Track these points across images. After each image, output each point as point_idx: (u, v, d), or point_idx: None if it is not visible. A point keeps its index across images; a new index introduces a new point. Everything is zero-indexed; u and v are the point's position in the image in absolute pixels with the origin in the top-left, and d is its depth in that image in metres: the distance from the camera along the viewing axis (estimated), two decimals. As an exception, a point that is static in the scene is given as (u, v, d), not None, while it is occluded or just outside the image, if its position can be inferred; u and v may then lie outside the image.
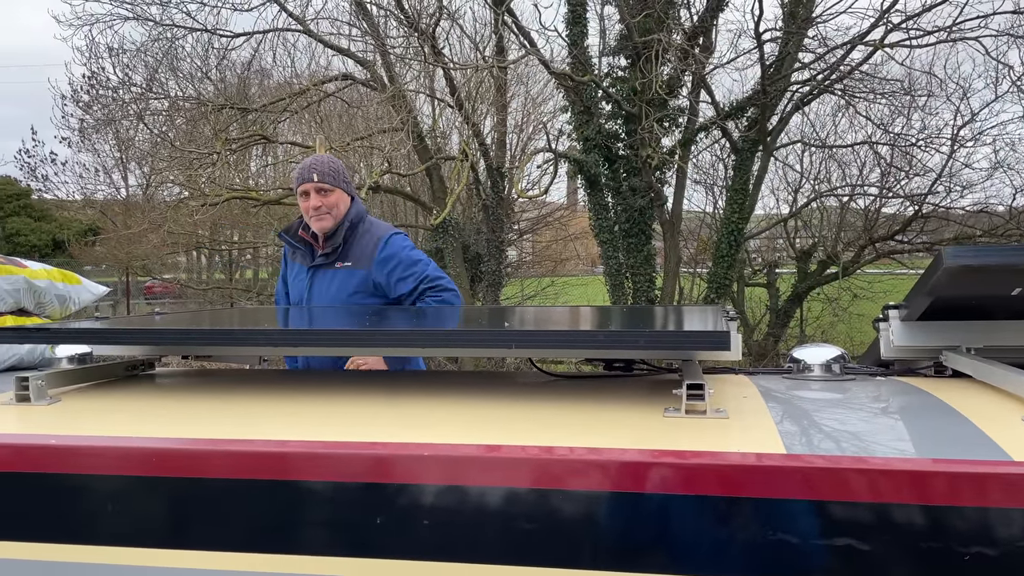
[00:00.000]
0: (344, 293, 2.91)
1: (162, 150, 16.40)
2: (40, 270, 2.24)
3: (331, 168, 2.97)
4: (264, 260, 23.72)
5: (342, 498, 1.26)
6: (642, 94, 9.96)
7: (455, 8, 11.32)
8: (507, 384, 1.95)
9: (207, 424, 1.49)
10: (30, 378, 1.59)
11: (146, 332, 1.78)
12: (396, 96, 10.47)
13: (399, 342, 1.68)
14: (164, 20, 11.98)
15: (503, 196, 12.44)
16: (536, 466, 1.21)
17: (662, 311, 2.49)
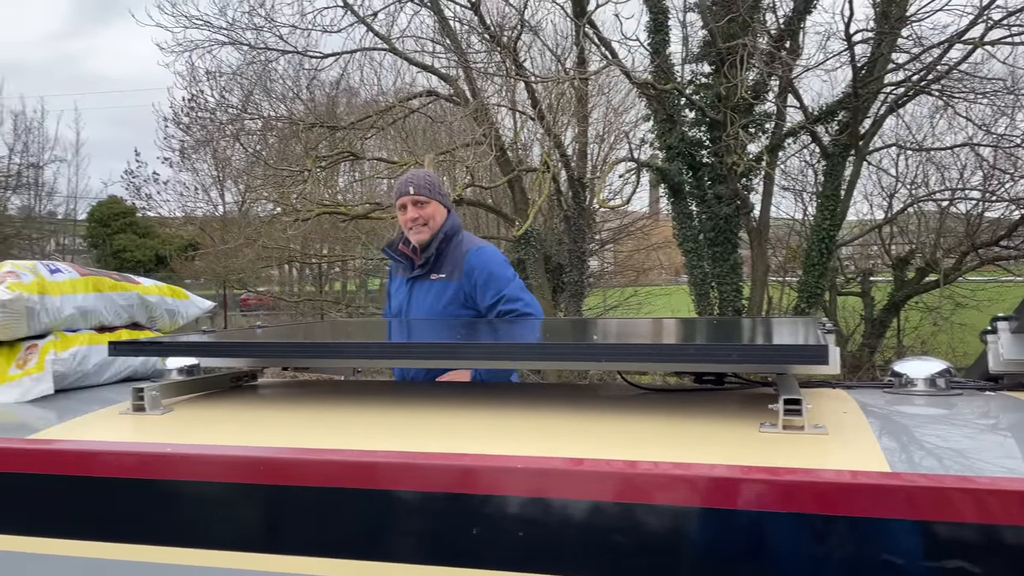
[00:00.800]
0: (439, 304, 2.98)
1: (256, 168, 17.12)
2: (151, 286, 2.37)
3: (426, 181, 3.07)
4: (352, 273, 24.40)
5: (429, 508, 1.29)
6: (727, 100, 9.78)
7: (536, 21, 11.39)
8: (595, 397, 1.95)
9: (307, 434, 1.55)
10: (145, 389, 1.69)
11: (250, 345, 1.87)
12: (478, 110, 10.62)
13: (489, 355, 1.71)
14: (258, 44, 12.52)
15: (584, 206, 12.42)
16: (641, 481, 1.21)
17: (754, 323, 2.44)
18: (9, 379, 1.88)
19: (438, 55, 12.41)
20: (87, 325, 2.09)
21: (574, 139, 12.91)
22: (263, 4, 11.96)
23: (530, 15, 11.01)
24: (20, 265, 2.01)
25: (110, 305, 2.16)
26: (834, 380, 1.97)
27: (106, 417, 1.71)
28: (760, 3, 10.17)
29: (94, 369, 2.02)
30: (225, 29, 12.33)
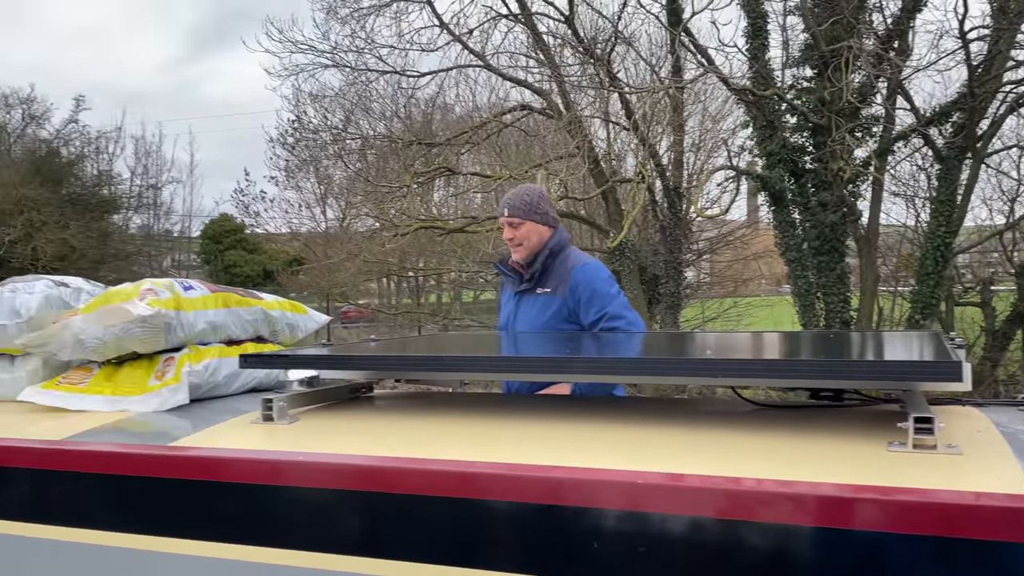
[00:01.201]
0: (542, 318, 3.03)
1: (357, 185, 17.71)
2: (273, 301, 2.50)
3: (522, 201, 3.13)
4: (447, 285, 24.85)
5: (527, 519, 1.30)
6: (831, 104, 9.45)
7: (630, 32, 11.33)
8: (709, 413, 1.92)
9: (423, 445, 1.60)
10: (274, 400, 1.78)
11: (369, 358, 1.94)
12: (572, 122, 10.64)
13: (601, 369, 1.71)
14: (359, 66, 12.98)
15: (681, 216, 12.22)
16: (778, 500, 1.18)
17: (874, 337, 2.35)
18: (149, 389, 2.01)
19: (531, 69, 12.55)
20: (217, 339, 2.22)
21: (669, 148, 12.74)
22: (363, 27, 12.41)
23: (624, 26, 10.97)
24: (158, 283, 2.16)
25: (237, 320, 2.28)
26: (962, 397, 1.88)
27: (238, 426, 1.81)
28: (866, 3, 9.80)
29: (224, 380, 2.14)
30: (328, 53, 12.85)
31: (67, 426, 1.84)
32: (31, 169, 22.13)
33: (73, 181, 23.97)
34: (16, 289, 2.27)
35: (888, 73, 9.63)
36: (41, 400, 2.03)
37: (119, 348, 2.05)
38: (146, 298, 2.04)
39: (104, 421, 1.88)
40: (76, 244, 21.39)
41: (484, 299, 22.48)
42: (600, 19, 11.39)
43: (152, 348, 2.06)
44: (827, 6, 9.56)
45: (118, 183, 26.53)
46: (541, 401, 2.41)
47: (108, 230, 25.00)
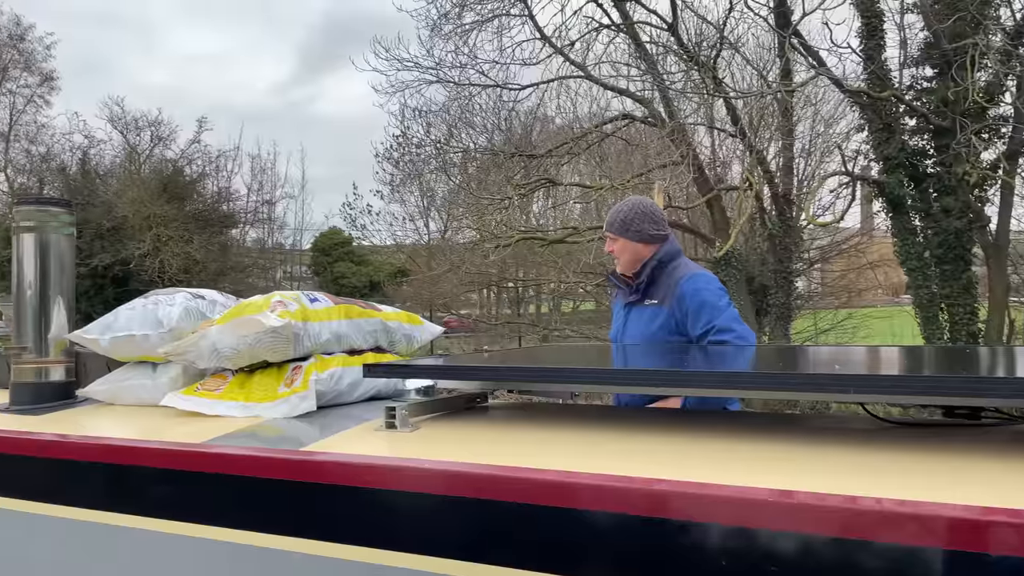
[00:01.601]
0: (650, 330, 3.01)
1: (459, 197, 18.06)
2: (391, 312, 2.57)
3: (619, 219, 3.16)
4: (547, 296, 24.94)
5: (630, 532, 1.30)
6: (955, 105, 8.93)
7: (736, 37, 11.08)
8: (830, 429, 1.84)
9: (538, 456, 1.61)
10: (397, 408, 1.83)
11: (486, 369, 1.97)
12: (675, 130, 10.49)
13: (721, 383, 1.67)
14: (461, 80, 13.25)
15: (791, 224, 11.82)
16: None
17: (1013, 352, 2.20)
18: (279, 396, 2.11)
19: (633, 78, 12.46)
20: (340, 348, 2.30)
21: (778, 154, 12.36)
22: (466, 42, 12.67)
23: (729, 31, 10.74)
24: (286, 296, 2.26)
25: (358, 331, 2.37)
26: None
27: (364, 433, 1.87)
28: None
29: (347, 388, 2.22)
30: (432, 69, 13.19)
31: (206, 430, 1.95)
32: (159, 187, 23.71)
33: (196, 198, 25.51)
34: (159, 301, 2.43)
35: (1017, 70, 9.02)
36: (181, 405, 2.16)
37: (251, 357, 2.16)
38: (276, 310, 2.14)
39: (239, 426, 1.99)
40: (199, 257, 22.74)
41: (583, 310, 22.42)
42: (705, 25, 11.20)
43: (281, 357, 2.16)
44: (949, 2, 9.06)
45: (236, 199, 28.09)
46: (655, 415, 2.38)
47: (227, 244, 26.47)
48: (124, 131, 26.67)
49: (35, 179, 27.88)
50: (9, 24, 28.90)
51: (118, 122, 26.64)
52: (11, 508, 2.01)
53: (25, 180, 28.33)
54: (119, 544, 1.84)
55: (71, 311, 2.54)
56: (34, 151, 29.15)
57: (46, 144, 28.98)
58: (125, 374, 2.42)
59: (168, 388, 2.31)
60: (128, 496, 1.87)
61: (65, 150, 28.10)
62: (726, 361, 2.07)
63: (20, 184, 28.12)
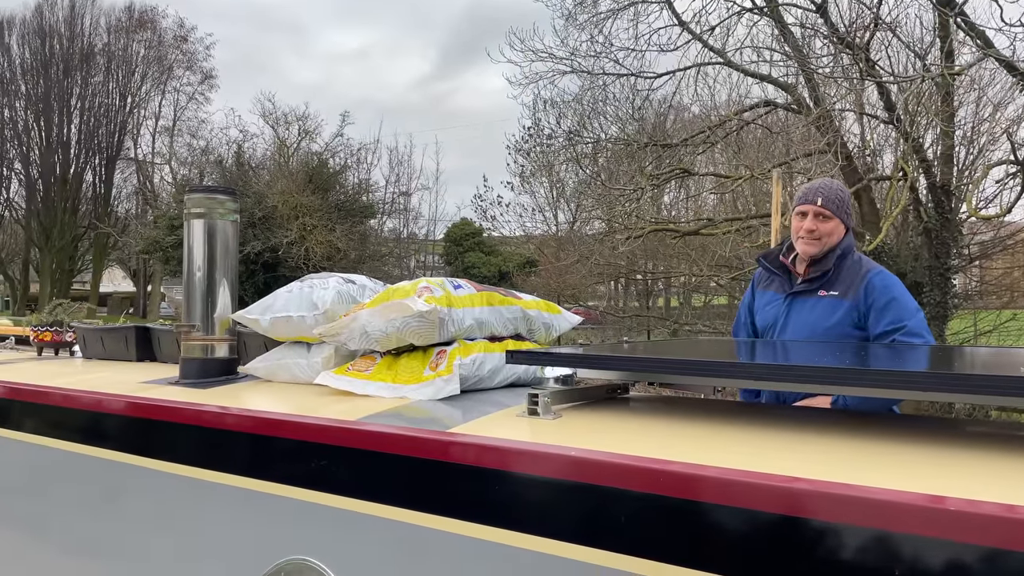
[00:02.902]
0: (825, 322, 2.82)
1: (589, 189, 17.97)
2: (531, 301, 2.59)
3: (838, 196, 2.92)
4: (676, 289, 24.42)
5: (757, 528, 1.28)
6: None
7: (894, 17, 10.34)
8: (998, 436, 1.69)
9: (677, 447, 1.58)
10: (539, 395, 1.84)
11: (629, 360, 1.94)
12: (822, 117, 9.96)
13: (889, 383, 1.56)
14: (596, 70, 13.13)
15: (949, 217, 10.96)
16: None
17: None
18: (424, 379, 2.17)
19: (776, 63, 11.93)
20: (482, 334, 2.34)
21: (936, 141, 11.49)
22: (601, 31, 12.54)
23: (886, 12, 10.06)
24: (433, 282, 2.32)
25: (499, 318, 2.39)
26: None
27: (506, 418, 1.89)
28: None
29: (488, 374, 2.25)
30: (566, 59, 13.15)
31: (357, 408, 2.03)
32: (304, 179, 25.05)
33: (338, 189, 26.77)
34: (313, 285, 2.56)
35: None
36: (334, 384, 2.26)
37: (399, 340, 2.23)
38: (423, 295, 2.20)
39: (387, 406, 2.06)
40: (341, 246, 23.87)
41: (715, 304, 21.78)
42: (858, 5, 10.55)
43: (427, 341, 2.22)
44: None
45: (375, 190, 29.28)
46: (799, 412, 2.27)
47: (366, 233, 27.63)
48: (274, 125, 28.40)
49: (196, 171, 30.19)
50: (173, 26, 31.36)
51: (269, 117, 28.41)
52: (179, 473, 2.18)
53: (187, 172, 30.73)
54: (271, 511, 1.96)
55: (235, 292, 2.71)
56: (195, 144, 31.61)
57: (205, 138, 31.34)
58: (282, 353, 2.56)
59: (321, 367, 2.42)
60: (284, 467, 1.98)
61: (222, 144, 30.30)
62: (883, 359, 1.94)
63: (183, 175, 30.54)
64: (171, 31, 31.32)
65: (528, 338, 2.55)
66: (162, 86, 31.38)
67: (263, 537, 1.98)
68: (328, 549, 1.84)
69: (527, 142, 21.27)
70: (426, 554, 1.67)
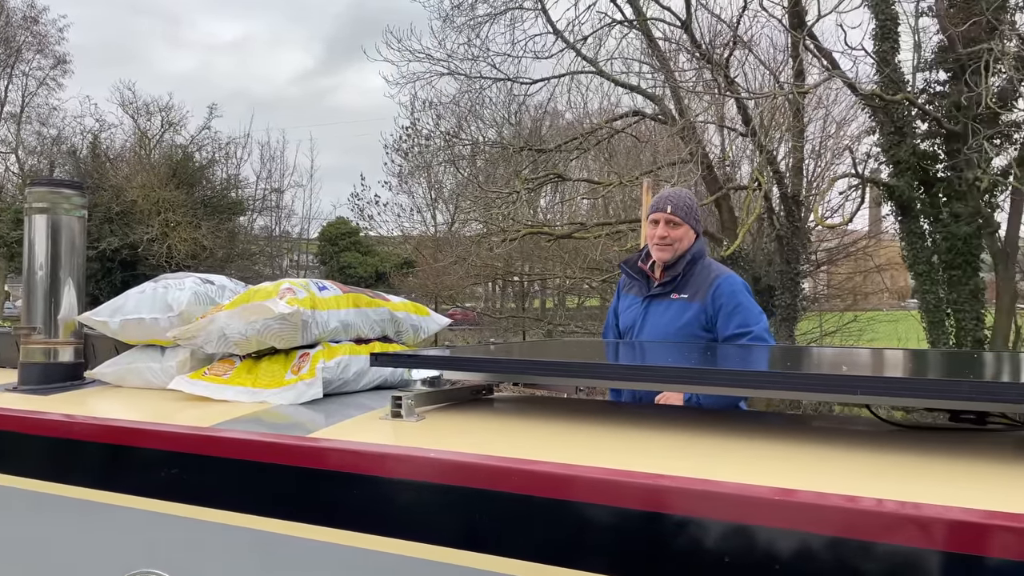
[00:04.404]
0: (676, 324, 2.97)
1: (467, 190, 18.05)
2: (399, 303, 2.58)
3: (686, 204, 3.08)
4: (552, 291, 24.93)
5: (624, 525, 1.32)
6: (967, 110, 8.89)
7: (750, 36, 11.03)
8: (836, 430, 1.85)
9: (543, 447, 1.62)
10: (403, 397, 1.84)
11: (494, 361, 1.98)
12: (685, 128, 10.47)
13: (730, 381, 1.67)
14: (473, 73, 13.22)
15: (799, 225, 11.79)
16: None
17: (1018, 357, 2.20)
18: (286, 383, 2.12)
19: (645, 75, 12.43)
20: (347, 337, 2.31)
21: (788, 154, 12.32)
22: (479, 35, 12.65)
23: (743, 30, 10.70)
24: (296, 283, 2.27)
25: (366, 320, 2.37)
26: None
27: (369, 421, 1.88)
28: (1008, 2, 9.18)
29: (353, 377, 2.23)
30: (444, 60, 13.16)
31: (213, 414, 1.96)
32: (168, 173, 23.76)
33: (205, 184, 25.55)
34: (168, 285, 2.44)
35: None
36: (189, 389, 2.17)
37: (259, 343, 2.17)
38: (285, 297, 2.15)
39: (246, 411, 2.00)
40: (207, 243, 22.80)
41: (588, 305, 22.40)
42: (718, 23, 11.16)
43: (289, 344, 2.17)
44: (964, 7, 9.01)
45: (244, 186, 28.13)
46: (657, 410, 2.39)
47: (234, 231, 26.51)
48: (135, 116, 26.72)
49: (46, 161, 27.96)
50: (23, 5, 28.94)
51: (129, 106, 26.69)
52: (17, 486, 2.03)
53: (36, 162, 28.42)
54: (120, 524, 1.86)
55: (81, 293, 2.55)
56: (45, 133, 29.22)
57: (57, 127, 29.05)
58: (133, 357, 2.43)
59: (176, 372, 2.32)
60: (134, 478, 1.88)
61: (76, 133, 28.18)
62: (733, 360, 2.07)
63: (31, 166, 28.21)
64: (20, 11, 28.85)
65: (396, 340, 2.55)
66: (9, 70, 28.84)
67: (110, 552, 1.88)
68: (180, 562, 1.77)
69: (405, 142, 21.12)
70: (284, 562, 1.64)
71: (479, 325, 22.85)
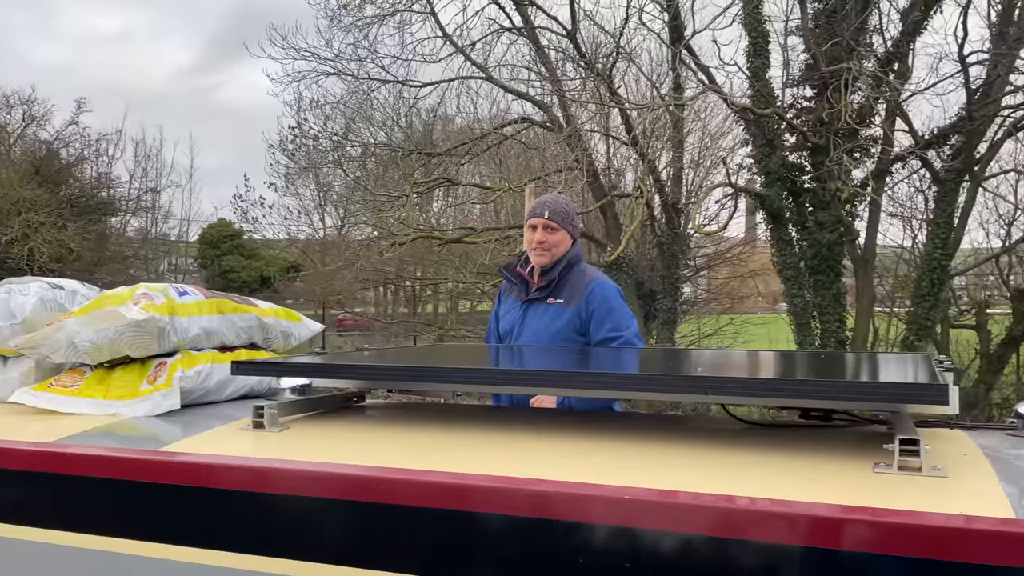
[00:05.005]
0: (552, 328, 3.01)
1: (356, 193, 17.73)
2: (268, 308, 2.50)
3: (563, 209, 3.12)
4: (443, 295, 24.86)
5: (513, 532, 1.31)
6: (830, 125, 9.51)
7: (632, 48, 11.40)
8: (696, 430, 1.93)
9: (411, 455, 1.60)
10: (265, 407, 1.78)
11: (361, 368, 1.95)
12: (571, 136, 10.69)
13: (590, 384, 1.72)
14: (361, 75, 13.02)
15: (679, 232, 12.27)
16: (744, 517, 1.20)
17: (865, 359, 2.36)
18: (140, 394, 2.02)
19: (533, 83, 12.61)
20: (210, 345, 2.22)
21: (668, 164, 12.80)
22: (367, 36, 12.46)
23: (626, 42, 11.04)
24: (153, 288, 2.16)
25: (231, 326, 2.29)
26: (951, 420, 1.89)
27: (228, 433, 1.81)
28: (866, 25, 9.88)
29: (216, 386, 2.15)
30: (331, 60, 12.90)
31: (58, 429, 1.84)
32: (30, 170, 22.13)
33: (72, 183, 23.95)
34: (11, 291, 2.27)
35: (887, 95, 9.71)
36: (33, 402, 2.03)
37: (112, 352, 2.05)
38: (140, 302, 2.04)
39: (95, 424, 1.88)
40: (73, 246, 21.36)
41: (481, 310, 22.47)
42: (602, 35, 11.47)
43: (145, 352, 2.07)
44: (828, 27, 9.63)
45: (116, 186, 26.56)
46: (531, 414, 2.42)
47: (106, 232, 24.98)
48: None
49: None
50: None
51: (-16, 99, 24.68)
52: None
53: None
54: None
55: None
56: None
57: (-99, 118, 26.53)
58: (-30, 368, 2.25)
59: (20, 383, 2.17)
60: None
61: (-78, 125, 25.82)
62: (598, 363, 2.13)
63: None
64: None
65: (264, 347, 2.47)
66: None
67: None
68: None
69: (292, 142, 20.50)
70: (131, 583, 1.55)
71: (370, 330, 22.49)
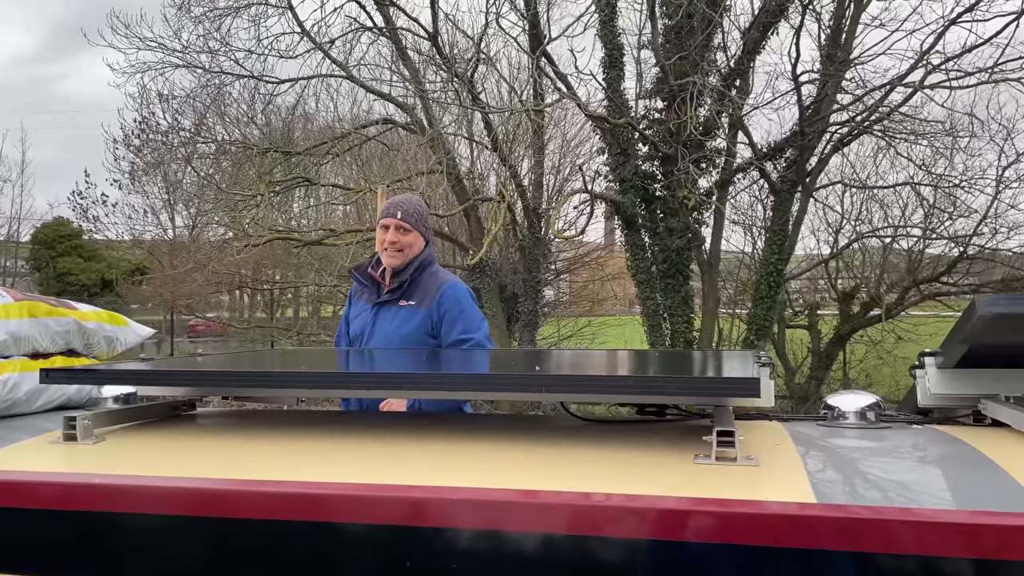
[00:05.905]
0: (404, 330, 2.99)
1: (208, 192, 16.89)
2: (89, 312, 2.32)
3: (415, 210, 3.09)
4: (304, 299, 24.12)
5: (375, 540, 1.28)
6: (678, 136, 10.01)
7: (492, 54, 11.52)
8: (538, 428, 1.96)
9: (242, 465, 1.53)
10: (77, 418, 1.65)
11: (188, 374, 1.84)
12: (434, 139, 10.68)
13: (430, 385, 1.71)
14: (212, 68, 12.39)
15: (540, 236, 12.52)
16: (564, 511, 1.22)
17: (698, 356, 2.49)
18: (-66, 407, 1.82)
19: (395, 84, 12.48)
20: (19, 351, 2.03)
21: (530, 170, 13.05)
22: (219, 28, 11.89)
23: (486, 47, 11.15)
24: (-50, 289, 1.95)
25: (45, 331, 2.10)
26: (773, 412, 2.02)
27: (34, 446, 1.66)
28: (711, 43, 10.48)
29: (25, 397, 1.97)
30: (179, 52, 12.20)
31: None
32: None
33: None
34: None
35: (729, 109, 10.34)
36: None
37: (-102, 361, 1.84)
38: (-67, 306, 1.84)
39: None
40: None
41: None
42: (463, 39, 11.53)
43: (-62, 361, 1.86)
44: (677, 42, 10.14)
45: (-67, 179, 23.97)
46: (378, 418, 2.38)
47: (-82, 230, 22.49)
48: None
49: None
50: None
51: None
52: None
53: None
54: None
55: None
56: None
57: None
58: None
59: None
60: None
61: None
62: (441, 364, 2.12)
63: None
64: None
65: (85, 354, 2.29)
66: None
67: None
68: None
69: (138, 136, 19.21)
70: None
71: (225, 336, 21.48)
